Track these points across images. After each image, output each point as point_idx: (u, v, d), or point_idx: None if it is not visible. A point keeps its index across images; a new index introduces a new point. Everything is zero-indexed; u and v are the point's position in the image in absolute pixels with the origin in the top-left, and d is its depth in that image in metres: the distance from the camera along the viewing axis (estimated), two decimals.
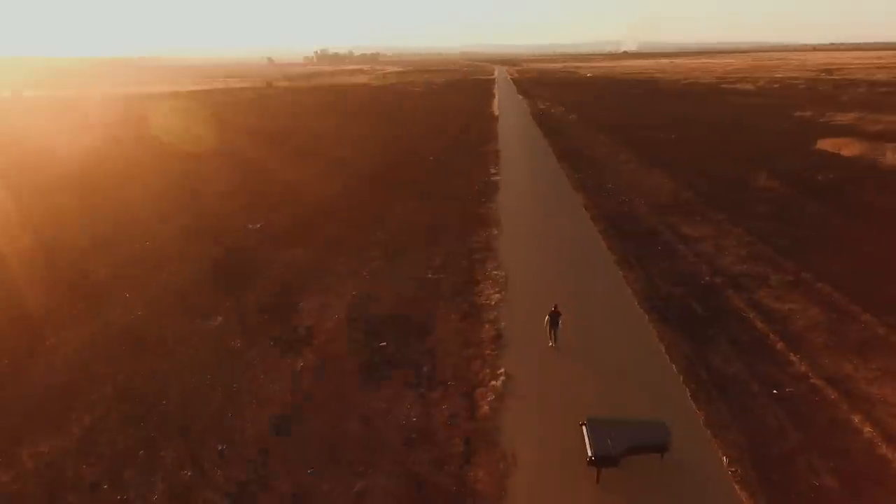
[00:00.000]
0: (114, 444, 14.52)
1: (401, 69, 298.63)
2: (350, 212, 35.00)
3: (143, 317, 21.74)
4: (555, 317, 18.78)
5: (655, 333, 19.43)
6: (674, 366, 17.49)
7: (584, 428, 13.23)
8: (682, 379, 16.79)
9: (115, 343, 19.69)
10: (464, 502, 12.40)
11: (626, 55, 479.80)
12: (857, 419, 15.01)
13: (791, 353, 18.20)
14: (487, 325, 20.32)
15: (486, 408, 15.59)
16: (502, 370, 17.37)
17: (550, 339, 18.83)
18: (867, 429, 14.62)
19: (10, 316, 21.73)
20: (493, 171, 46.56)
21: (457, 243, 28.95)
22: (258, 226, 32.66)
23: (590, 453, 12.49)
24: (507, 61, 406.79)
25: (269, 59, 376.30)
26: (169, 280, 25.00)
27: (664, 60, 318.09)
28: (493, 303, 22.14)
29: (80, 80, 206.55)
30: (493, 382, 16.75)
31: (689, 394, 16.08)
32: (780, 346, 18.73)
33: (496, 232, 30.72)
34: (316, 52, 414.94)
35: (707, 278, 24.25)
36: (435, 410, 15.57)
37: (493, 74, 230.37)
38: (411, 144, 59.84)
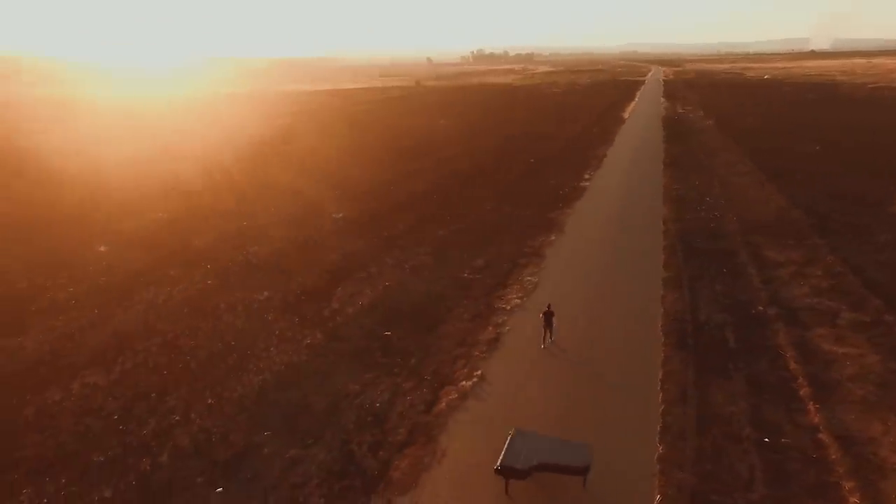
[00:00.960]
0: (137, 386, 17.44)
1: (551, 69, 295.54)
2: (427, 209, 36.50)
3: (211, 285, 25.16)
4: (548, 316, 18.94)
5: (662, 358, 18.24)
6: (661, 394, 16.39)
7: (507, 437, 13.25)
8: (661, 409, 15.72)
9: (179, 305, 23.17)
10: (375, 486, 13.16)
11: (814, 55, 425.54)
12: (847, 487, 13.02)
13: (812, 402, 16.07)
14: (491, 328, 20.57)
15: (444, 405, 16.08)
16: (479, 372, 17.65)
17: (543, 339, 18.92)
18: (854, 501, 12.63)
19: (121, 272, 26.42)
20: (587, 176, 45.31)
21: (509, 246, 29.09)
22: (340, 216, 35.52)
23: (498, 463, 12.54)
24: (669, 62, 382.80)
25: (429, 59, 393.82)
26: (245, 257, 28.46)
27: (860, 60, 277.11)
28: (509, 307, 22.24)
29: (265, 78, 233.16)
30: (465, 382, 17.12)
31: (660, 426, 15.05)
32: (804, 391, 16.60)
33: (553, 238, 30.30)
34: (472, 53, 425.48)
35: (760, 308, 21.91)
36: (399, 400, 16.40)
37: (645, 76, 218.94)
38: (520, 145, 60.00)
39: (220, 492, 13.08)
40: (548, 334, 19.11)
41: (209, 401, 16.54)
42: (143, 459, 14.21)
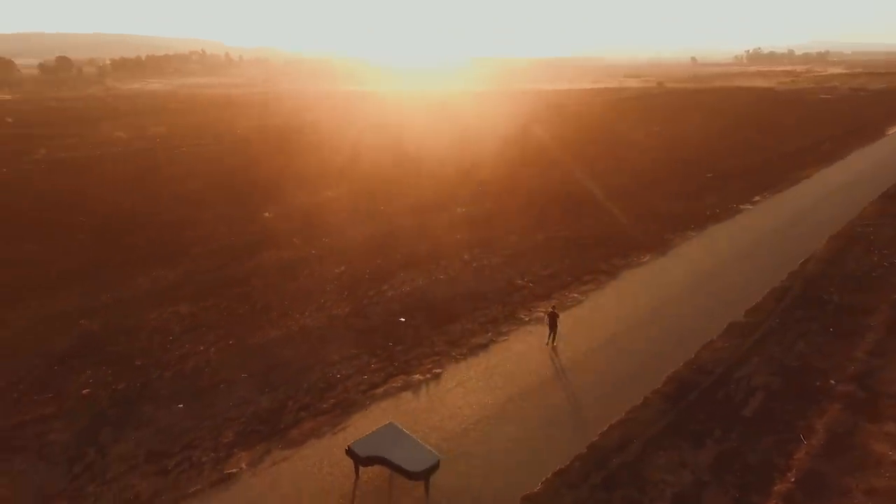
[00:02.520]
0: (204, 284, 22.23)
1: (844, 70, 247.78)
2: (545, 214, 36.17)
3: (315, 254, 29.55)
4: (552, 317, 19.72)
5: (655, 409, 16.28)
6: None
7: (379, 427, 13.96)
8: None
9: (272, 268, 27.96)
10: (273, 436, 15.16)
11: None
12: None
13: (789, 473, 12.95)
14: (490, 333, 20.65)
15: (382, 390, 17.22)
16: (439, 371, 18.21)
17: (548, 339, 19.67)
18: None
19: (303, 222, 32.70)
20: (757, 198, 39.07)
21: (587, 261, 27.63)
22: (462, 210, 37.45)
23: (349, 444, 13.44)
24: None
25: (693, 59, 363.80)
26: (358, 234, 32.40)
27: None
28: (528, 319, 21.80)
29: (516, 77, 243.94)
30: (417, 376, 17.94)
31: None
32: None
33: (646, 259, 27.82)
34: (747, 52, 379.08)
35: (826, 382, 17.58)
36: (355, 377, 18.01)
37: None
38: (715, 155, 53.82)
39: (181, 407, 16.56)
40: (552, 335, 19.77)
41: (230, 341, 20.38)
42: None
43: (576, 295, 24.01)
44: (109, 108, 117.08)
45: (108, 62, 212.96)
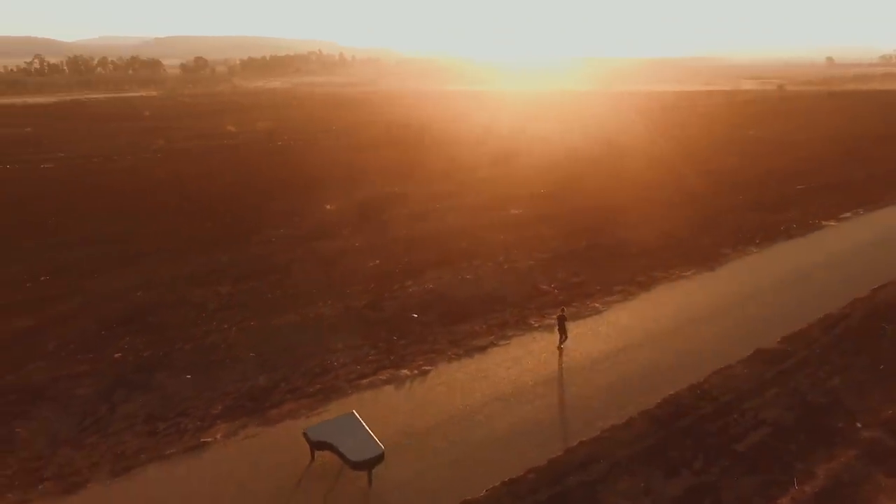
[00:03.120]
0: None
1: None
2: (599, 218, 34.91)
3: (357, 247, 30.81)
4: (561, 320, 19.78)
5: (637, 431, 15.48)
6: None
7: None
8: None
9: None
10: (255, 413, 16.20)
11: None
12: None
13: None
14: (494, 336, 20.61)
15: (367, 382, 17.78)
16: (428, 368, 18.46)
17: (560, 341, 19.75)
18: None
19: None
20: (846, 215, 35.07)
21: (623, 271, 26.39)
22: (516, 212, 37.17)
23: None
24: None
25: (829, 59, 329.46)
26: (406, 229, 33.30)
27: None
28: (537, 325, 21.36)
29: (624, 78, 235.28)
30: (405, 371, 18.36)
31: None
32: None
33: (689, 273, 26.07)
34: None
35: (851, 424, 15.66)
36: (350, 367, 18.72)
37: None
38: (816, 165, 48.90)
39: (188, 378, 18.18)
40: (562, 337, 19.77)
41: (252, 322, 21.93)
42: None
43: (597, 305, 23.12)
44: (230, 104, 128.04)
45: (237, 62, 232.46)
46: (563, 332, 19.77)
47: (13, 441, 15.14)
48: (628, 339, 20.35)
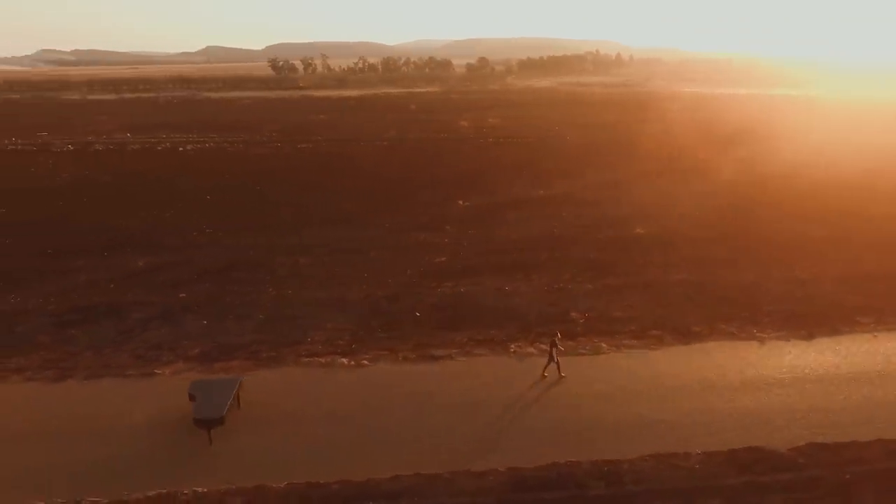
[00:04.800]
0: None
1: None
2: (726, 251, 28.83)
3: (447, 243, 31.67)
4: (552, 345, 17.91)
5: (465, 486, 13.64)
6: None
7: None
8: None
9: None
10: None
11: None
12: None
13: None
14: (462, 350, 19.74)
15: (312, 359, 19.01)
16: (371, 365, 18.96)
17: (546, 365, 18.02)
18: None
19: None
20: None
21: (683, 315, 21.74)
22: (640, 231, 33.09)
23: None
24: None
25: None
26: (513, 233, 32.87)
27: None
28: (516, 350, 19.43)
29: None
30: (346, 361, 19.03)
31: None
32: None
33: (770, 335, 20.07)
34: None
35: None
36: (320, 342, 20.17)
37: None
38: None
39: (204, 323, 22.01)
40: (548, 363, 17.93)
41: (289, 291, 24.95)
42: None
43: (604, 345, 19.84)
44: (487, 101, 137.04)
45: (515, 63, 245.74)
46: (551, 358, 17.90)
47: (65, 340, 20.85)
48: (593, 397, 17.25)
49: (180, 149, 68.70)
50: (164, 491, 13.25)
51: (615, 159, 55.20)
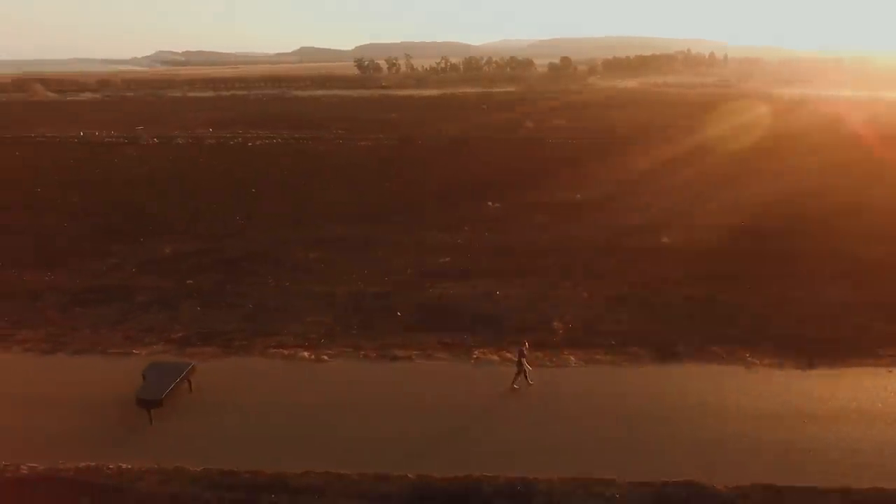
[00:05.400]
0: None
1: None
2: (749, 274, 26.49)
3: (460, 244, 31.42)
4: (520, 355, 17.28)
5: None
6: None
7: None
8: None
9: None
10: None
11: None
12: None
13: None
14: (418, 352, 19.50)
15: (280, 350, 19.55)
16: (331, 361, 19.15)
17: (515, 377, 17.33)
18: None
19: None
20: None
21: (689, 334, 20.12)
22: (667, 240, 31.19)
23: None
24: None
25: None
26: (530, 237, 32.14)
27: None
28: (475, 357, 18.84)
29: None
30: (307, 354, 19.34)
31: None
32: None
33: (756, 361, 18.17)
34: None
35: None
36: (296, 331, 20.70)
37: None
38: None
39: (198, 309, 23.20)
40: (518, 374, 17.27)
41: (287, 284, 25.73)
42: None
43: (572, 358, 18.84)
44: (561, 101, 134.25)
45: (599, 62, 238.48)
46: (519, 369, 17.33)
47: (73, 317, 22.70)
48: (524, 424, 16.49)
49: (249, 144, 72.69)
50: (93, 464, 14.18)
51: (674, 163, 52.38)
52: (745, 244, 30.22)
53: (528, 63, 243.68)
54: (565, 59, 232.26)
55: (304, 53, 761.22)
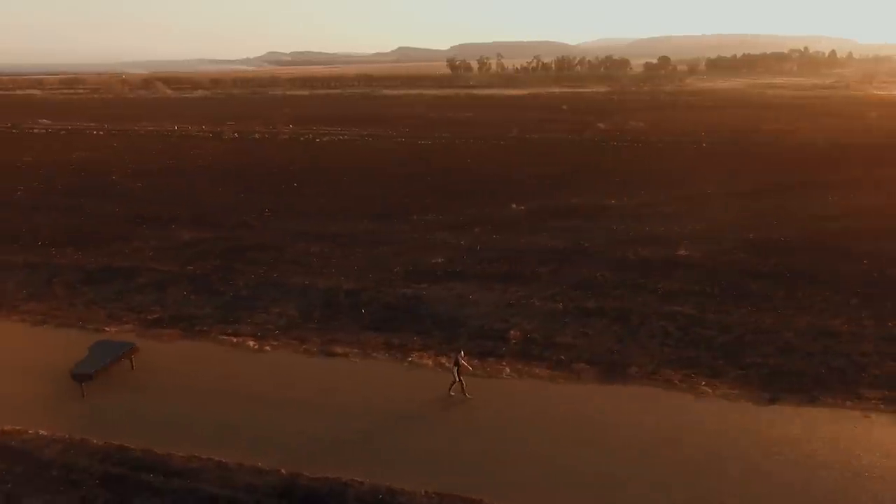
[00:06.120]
0: None
1: None
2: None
3: (463, 246, 30.92)
4: (455, 363, 16.74)
5: None
6: None
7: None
8: None
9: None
10: None
11: None
12: None
13: None
14: (359, 351, 19.33)
15: (228, 337, 20.06)
16: (269, 352, 19.33)
17: (452, 384, 16.76)
18: None
19: None
20: None
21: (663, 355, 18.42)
22: (683, 253, 28.80)
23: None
24: None
25: None
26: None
27: None
28: (413, 360, 18.32)
29: None
30: (253, 343, 19.67)
31: None
32: None
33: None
34: None
35: None
36: (256, 325, 21.33)
37: None
38: None
39: (185, 294, 24.51)
40: (454, 382, 16.69)
41: (275, 275, 26.53)
42: None
43: (508, 369, 17.84)
44: (649, 102, 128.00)
45: (702, 61, 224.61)
46: (455, 376, 16.73)
47: (76, 294, 24.78)
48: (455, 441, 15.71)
49: (316, 140, 75.77)
50: (18, 428, 15.43)
51: (740, 170, 48.35)
52: (773, 260, 27.31)
53: (623, 63, 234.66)
54: (663, 59, 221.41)
55: (402, 53, 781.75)
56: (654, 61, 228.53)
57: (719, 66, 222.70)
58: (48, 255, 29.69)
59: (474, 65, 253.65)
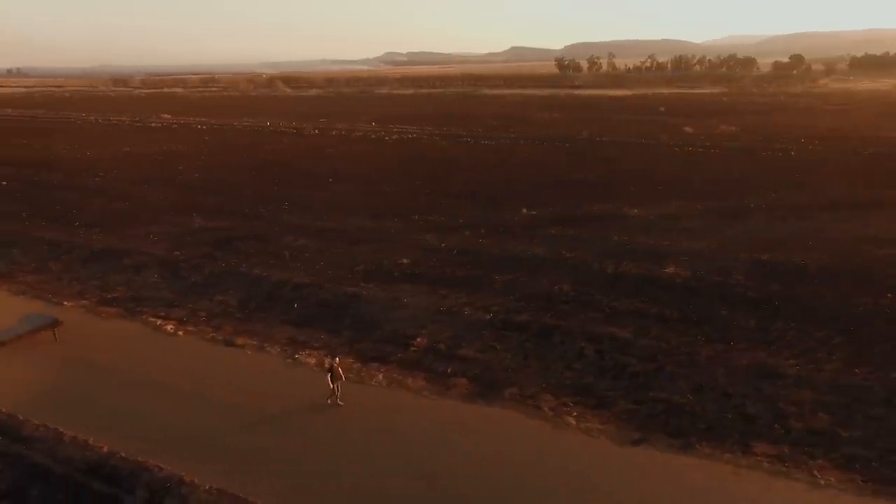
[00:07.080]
0: None
1: None
2: None
3: (445, 247, 30.25)
4: (329, 371, 16.43)
5: None
6: None
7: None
8: None
9: None
10: None
11: None
12: None
13: None
14: (281, 349, 19.35)
15: (169, 324, 21.20)
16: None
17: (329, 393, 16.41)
18: None
19: None
20: None
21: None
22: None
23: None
24: None
25: None
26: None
27: None
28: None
29: None
30: (193, 328, 20.53)
31: None
32: None
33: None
34: None
35: None
36: (206, 310, 22.34)
37: None
38: None
39: (155, 277, 26.30)
40: (332, 390, 16.30)
41: (271, 260, 27.60)
42: None
43: (381, 376, 17.05)
44: (761, 105, 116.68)
45: (845, 60, 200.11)
46: (334, 384, 16.44)
47: (68, 270, 27.48)
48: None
49: (386, 138, 77.68)
50: None
51: (813, 182, 42.78)
52: (773, 286, 23.78)
53: (748, 62, 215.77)
54: (796, 57, 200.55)
55: (514, 53, 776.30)
56: (786, 60, 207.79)
57: (865, 64, 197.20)
58: (74, 234, 33.27)
59: (584, 64, 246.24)
